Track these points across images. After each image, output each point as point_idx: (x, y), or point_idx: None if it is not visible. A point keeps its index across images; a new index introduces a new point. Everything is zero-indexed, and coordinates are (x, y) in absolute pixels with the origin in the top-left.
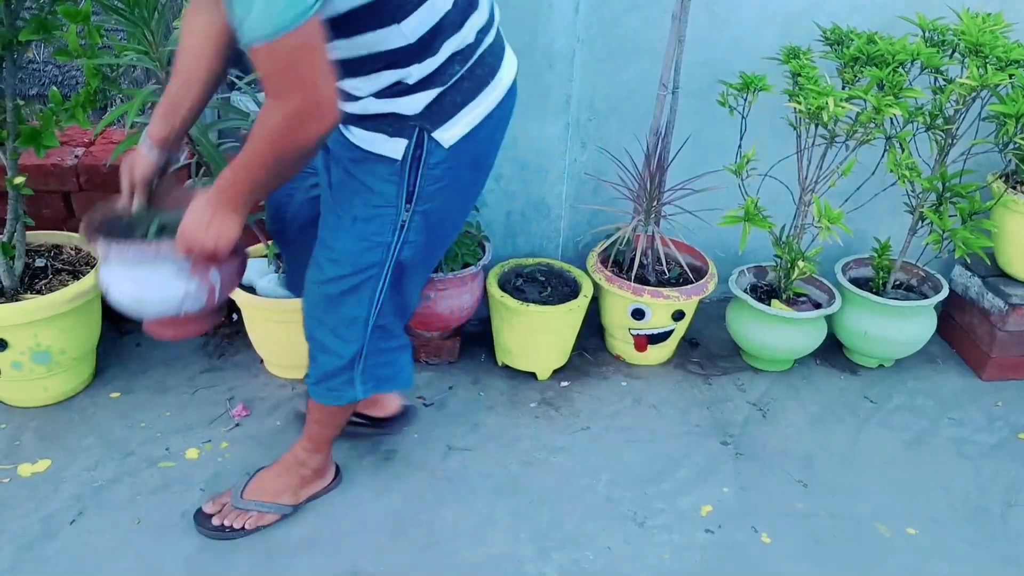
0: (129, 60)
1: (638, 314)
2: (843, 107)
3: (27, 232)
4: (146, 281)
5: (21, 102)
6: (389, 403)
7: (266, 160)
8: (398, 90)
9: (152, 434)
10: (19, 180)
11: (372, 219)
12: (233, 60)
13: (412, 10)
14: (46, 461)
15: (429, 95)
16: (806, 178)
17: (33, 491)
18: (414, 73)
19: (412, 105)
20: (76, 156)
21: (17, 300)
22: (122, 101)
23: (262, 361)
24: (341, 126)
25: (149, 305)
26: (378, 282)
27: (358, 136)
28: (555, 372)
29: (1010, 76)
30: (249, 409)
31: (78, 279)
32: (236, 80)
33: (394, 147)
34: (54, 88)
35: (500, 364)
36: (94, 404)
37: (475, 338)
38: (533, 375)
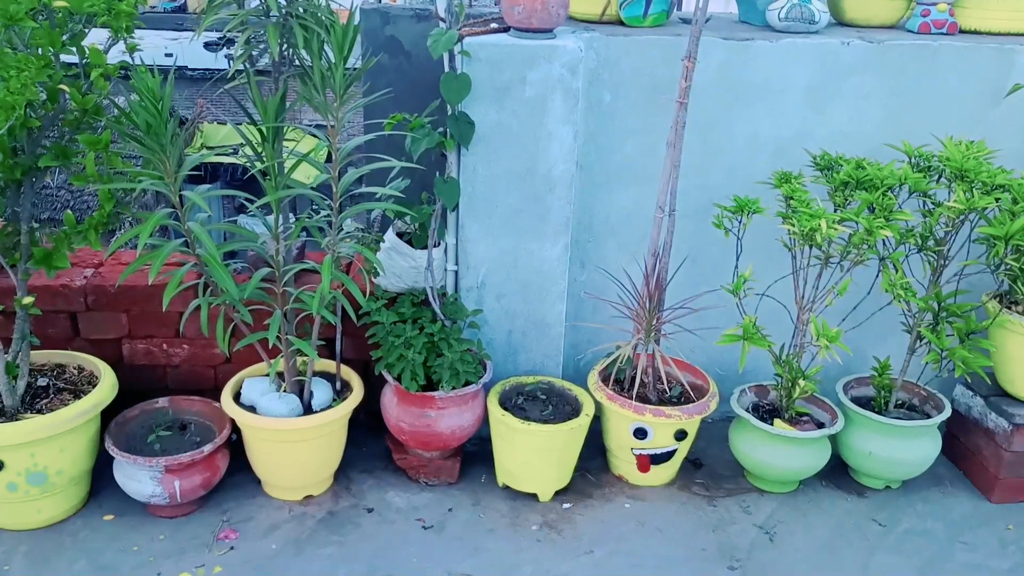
0: (144, 185)
1: (640, 433)
2: (835, 229)
3: (32, 351)
4: None
5: (36, 225)
6: None
7: None
8: None
9: (144, 558)
10: (28, 300)
11: None
12: None
13: None
14: None
15: None
16: (803, 297)
17: None
18: None
19: None
20: (85, 277)
21: (17, 419)
22: (131, 224)
23: (260, 482)
24: None
25: None
26: None
27: None
28: (557, 493)
29: (996, 200)
30: (238, 532)
31: (79, 398)
32: (246, 204)
33: None
34: (68, 212)
35: (501, 485)
36: (87, 527)
37: (475, 458)
38: (534, 496)
